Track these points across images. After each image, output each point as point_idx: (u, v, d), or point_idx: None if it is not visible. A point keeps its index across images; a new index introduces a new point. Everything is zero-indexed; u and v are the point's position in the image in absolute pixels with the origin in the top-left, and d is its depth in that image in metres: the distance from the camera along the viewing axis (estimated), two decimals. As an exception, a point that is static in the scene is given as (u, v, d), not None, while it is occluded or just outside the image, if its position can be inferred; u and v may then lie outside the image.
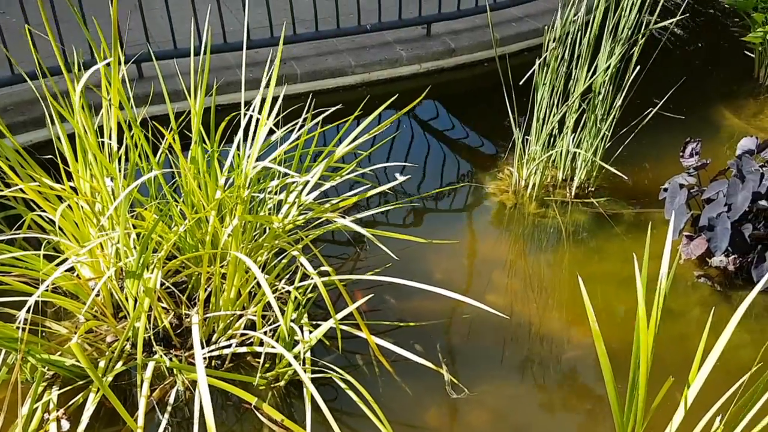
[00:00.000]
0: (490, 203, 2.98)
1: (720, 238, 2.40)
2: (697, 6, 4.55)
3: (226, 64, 3.54)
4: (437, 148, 3.39)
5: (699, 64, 3.92)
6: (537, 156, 2.88)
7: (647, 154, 3.13)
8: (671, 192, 2.54)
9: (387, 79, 3.77)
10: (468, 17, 3.91)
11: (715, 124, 3.40)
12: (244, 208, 2.01)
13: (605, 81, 2.72)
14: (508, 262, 2.76)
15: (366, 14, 3.77)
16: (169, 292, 2.25)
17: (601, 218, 2.85)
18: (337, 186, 2.67)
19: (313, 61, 3.65)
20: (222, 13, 3.47)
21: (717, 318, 1.98)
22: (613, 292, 2.48)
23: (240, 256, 1.85)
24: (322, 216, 2.28)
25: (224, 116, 2.33)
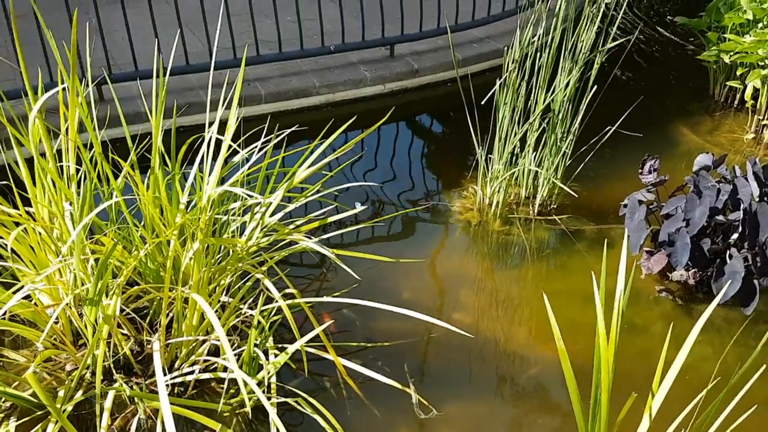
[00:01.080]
0: (456, 221, 3.00)
1: (680, 252, 2.45)
2: (653, 26, 4.68)
3: (189, 85, 3.51)
4: (403, 167, 3.41)
5: (657, 83, 4.02)
6: (500, 174, 2.91)
7: (607, 171, 3.19)
8: (631, 208, 2.59)
9: (351, 100, 3.78)
10: (430, 38, 3.95)
11: (672, 141, 3.49)
12: (207, 231, 1.98)
13: (564, 100, 2.77)
14: (475, 280, 2.77)
15: (329, 36, 3.79)
16: (129, 318, 2.21)
17: (563, 235, 2.89)
18: (303, 206, 2.65)
19: (277, 81, 3.64)
20: (184, 34, 3.45)
21: (679, 331, 2.02)
22: (577, 308, 2.51)
23: (195, 297, 1.83)
24: (286, 237, 2.26)
25: (187, 138, 2.31)
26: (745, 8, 3.51)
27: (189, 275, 2.05)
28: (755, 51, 3.29)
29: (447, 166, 3.42)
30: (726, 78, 3.65)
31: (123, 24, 3.34)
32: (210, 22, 3.51)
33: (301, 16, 3.67)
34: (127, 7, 3.32)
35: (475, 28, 4.04)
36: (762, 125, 3.45)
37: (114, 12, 3.40)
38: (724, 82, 3.66)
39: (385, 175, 3.34)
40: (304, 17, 3.71)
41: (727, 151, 3.35)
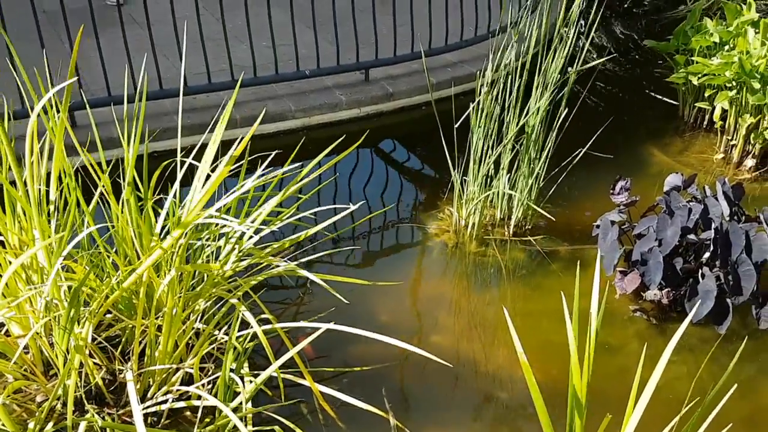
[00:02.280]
0: (433, 243, 3.01)
1: (653, 272, 2.48)
2: (623, 49, 4.79)
3: (163, 110, 3.50)
4: (379, 189, 3.42)
5: (627, 105, 4.10)
6: (475, 196, 2.93)
7: (580, 192, 3.23)
8: (603, 229, 2.62)
9: (327, 123, 3.79)
10: (405, 63, 3.99)
11: (643, 161, 3.55)
12: (181, 258, 1.97)
13: (536, 123, 2.81)
14: (452, 302, 2.77)
15: (304, 60, 3.81)
16: (101, 347, 2.17)
17: (538, 255, 2.91)
18: (279, 230, 2.64)
19: (252, 106, 3.64)
20: (158, 59, 3.45)
21: (654, 351, 2.04)
22: (554, 328, 2.52)
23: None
24: (262, 261, 2.25)
25: (162, 162, 2.30)
26: (712, 31, 3.60)
27: (163, 302, 2.02)
28: (722, 73, 3.37)
29: (423, 188, 3.43)
30: (695, 99, 3.73)
31: (96, 50, 3.32)
32: (184, 47, 3.51)
33: (276, 42, 3.69)
34: (100, 34, 3.31)
35: (449, 52, 4.09)
36: (731, 145, 3.53)
37: (87, 38, 3.38)
38: (693, 103, 3.74)
39: (362, 198, 3.34)
40: (279, 42, 3.73)
41: (698, 171, 3.41)
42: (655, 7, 5.36)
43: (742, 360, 2.46)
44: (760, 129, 3.34)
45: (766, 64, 3.25)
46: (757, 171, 3.43)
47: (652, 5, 5.39)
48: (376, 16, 3.83)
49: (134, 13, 3.67)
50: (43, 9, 4.35)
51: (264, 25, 3.66)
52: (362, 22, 3.88)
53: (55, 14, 3.44)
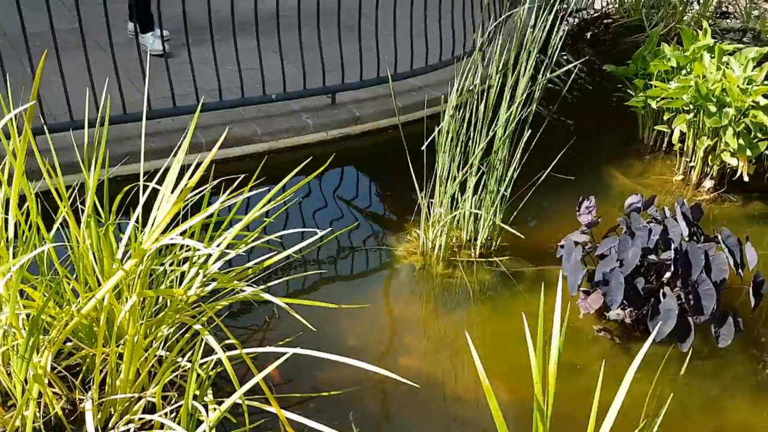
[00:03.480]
0: (400, 265, 3.01)
1: (615, 291, 2.51)
2: (584, 74, 4.90)
3: (126, 134, 3.47)
4: (346, 213, 3.42)
5: (589, 128, 4.18)
6: (441, 218, 2.95)
7: (544, 214, 3.28)
8: (567, 249, 2.65)
9: (294, 147, 3.80)
10: (371, 87, 4.02)
11: (605, 183, 3.62)
12: (143, 283, 1.94)
13: (501, 145, 2.86)
14: (420, 324, 2.78)
15: (271, 84, 3.82)
16: (61, 376, 2.11)
17: (504, 276, 2.93)
18: (244, 254, 2.62)
19: (218, 129, 3.63)
20: (122, 84, 3.42)
21: (618, 370, 2.05)
22: (521, 349, 2.51)
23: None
24: (227, 286, 2.23)
25: (125, 187, 2.27)
26: (669, 56, 3.71)
27: (124, 329, 1.98)
28: (680, 96, 3.46)
29: (390, 210, 3.45)
30: (654, 123, 3.82)
31: (58, 73, 3.29)
32: (148, 71, 3.49)
33: (242, 65, 3.70)
34: (62, 57, 3.28)
35: (414, 77, 4.14)
36: (690, 167, 3.62)
37: (49, 61, 3.34)
38: (652, 126, 3.83)
39: (329, 221, 3.34)
40: (244, 66, 3.73)
41: (658, 193, 3.49)
42: (615, 33, 5.52)
43: (704, 377, 2.51)
44: (717, 151, 3.43)
45: (721, 88, 3.35)
46: (716, 192, 3.52)
47: (612, 31, 5.55)
48: (341, 41, 3.86)
49: (98, 37, 3.64)
50: (3, 32, 4.31)
51: (230, 50, 3.66)
52: (328, 46, 3.92)
53: (16, 37, 3.39)
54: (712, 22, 5.59)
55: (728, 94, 3.32)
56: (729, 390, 2.50)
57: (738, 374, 2.55)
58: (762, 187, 3.56)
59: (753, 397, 2.48)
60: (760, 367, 2.58)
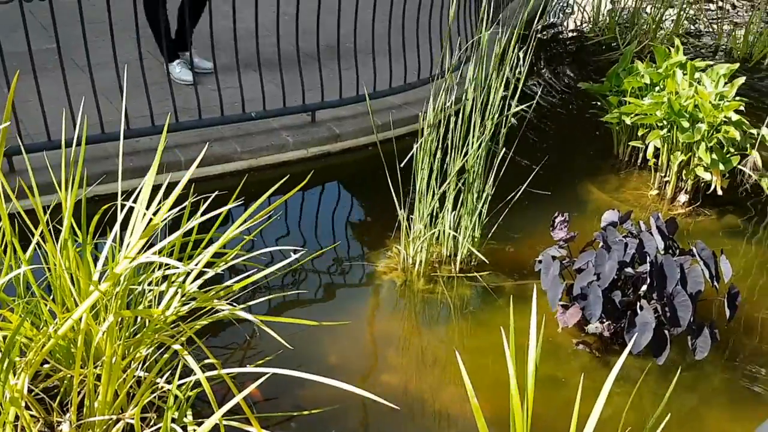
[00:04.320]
0: (381, 282, 3.02)
1: (593, 305, 2.54)
2: (559, 91, 4.97)
3: (105, 154, 3.45)
4: (327, 229, 3.42)
5: (565, 145, 4.25)
6: (421, 234, 2.97)
7: (523, 228, 3.31)
8: (545, 264, 2.68)
9: (274, 164, 3.80)
10: (351, 105, 4.05)
11: (581, 198, 3.66)
12: (121, 303, 1.92)
13: (477, 162, 2.89)
14: (401, 340, 2.78)
15: (250, 103, 3.83)
16: (38, 399, 2.08)
17: (485, 291, 2.95)
18: (224, 272, 2.61)
19: (197, 148, 3.62)
20: (101, 103, 3.41)
21: (598, 383, 2.07)
22: (502, 364, 2.53)
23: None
24: (206, 305, 2.22)
25: (103, 206, 2.26)
26: (643, 73, 3.78)
27: (102, 350, 1.97)
28: (653, 113, 3.53)
29: (371, 227, 3.46)
30: (628, 138, 3.88)
31: (36, 94, 3.27)
32: (127, 90, 3.49)
33: (221, 84, 3.70)
34: (40, 77, 3.26)
35: (393, 95, 4.18)
36: (664, 182, 3.67)
37: (26, 81, 3.33)
38: (627, 142, 3.89)
39: (310, 238, 3.34)
40: (224, 85, 3.74)
41: (633, 207, 3.54)
42: (589, 51, 5.62)
43: (682, 389, 2.54)
44: (691, 166, 3.49)
45: (694, 104, 3.42)
46: (690, 206, 3.58)
47: (587, 49, 5.65)
48: (321, 60, 3.89)
49: (76, 57, 3.63)
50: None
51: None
52: (308, 65, 3.94)
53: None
54: (685, 39, 5.71)
55: (701, 109, 3.39)
56: (708, 402, 2.53)
57: (716, 386, 2.59)
58: (736, 201, 3.63)
59: (731, 408, 2.52)
60: (737, 378, 2.62)
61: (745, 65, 5.30)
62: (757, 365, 2.67)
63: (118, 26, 3.37)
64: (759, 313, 2.94)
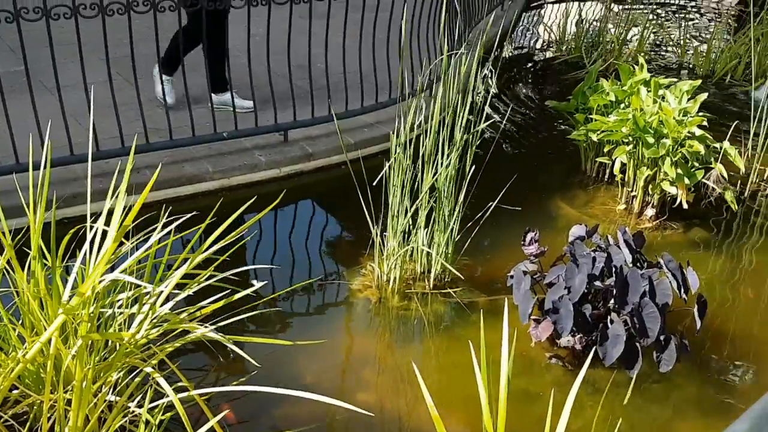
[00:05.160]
0: (356, 299, 3.02)
1: (565, 319, 2.57)
2: (528, 109, 5.06)
3: (73, 176, 3.41)
4: (301, 248, 3.42)
5: (534, 162, 4.31)
6: (395, 251, 2.99)
7: (495, 244, 3.35)
8: (517, 279, 2.71)
9: (247, 184, 3.79)
10: (323, 124, 4.07)
11: (551, 214, 3.72)
12: (91, 326, 1.90)
13: (447, 179, 2.92)
14: (377, 358, 2.78)
15: (222, 122, 3.83)
16: (8, 425, 2.04)
17: (459, 307, 2.97)
18: (197, 293, 2.60)
19: (168, 168, 3.61)
20: (70, 125, 3.39)
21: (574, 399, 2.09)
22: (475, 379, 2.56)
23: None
24: (178, 327, 2.20)
25: (72, 229, 2.24)
26: (608, 91, 3.87)
27: (72, 374, 1.94)
28: (619, 129, 3.61)
29: (345, 245, 3.46)
30: (596, 155, 3.96)
31: (3, 116, 3.23)
32: (96, 112, 3.46)
33: (193, 104, 3.70)
34: (8, 99, 3.23)
35: (365, 114, 4.21)
36: (632, 196, 3.75)
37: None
38: (594, 158, 3.97)
39: (284, 257, 3.34)
40: (194, 105, 3.74)
41: (602, 222, 3.60)
42: (556, 69, 5.73)
43: (655, 401, 2.58)
44: (657, 180, 3.57)
45: (658, 120, 3.51)
46: (657, 220, 3.65)
47: (554, 68, 5.76)
48: (292, 80, 3.91)
49: (44, 79, 3.60)
50: (-54, 74, 4.21)
51: (179, 89, 3.67)
52: (279, 85, 3.96)
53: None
54: (649, 57, 5.86)
55: (665, 125, 3.48)
56: (680, 413, 2.57)
57: (688, 397, 2.63)
58: (701, 214, 3.72)
59: (703, 419, 2.56)
60: (709, 389, 2.66)
61: (708, 81, 5.45)
62: (727, 376, 2.72)
63: (87, 48, 3.36)
64: (727, 323, 3.01)
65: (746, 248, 3.57)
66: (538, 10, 7.59)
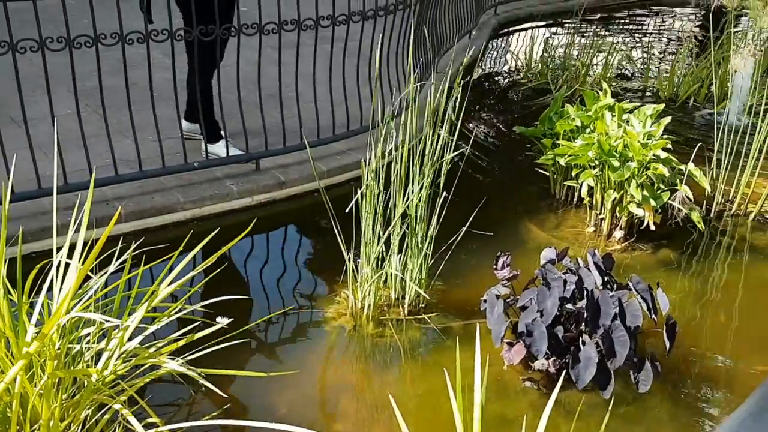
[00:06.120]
0: (330, 328, 3.01)
1: (539, 342, 2.59)
2: (497, 135, 5.13)
3: (42, 209, 3.36)
4: (275, 277, 3.40)
5: (504, 187, 4.36)
6: (369, 278, 2.98)
7: (469, 268, 3.37)
8: (490, 303, 2.73)
9: (219, 213, 3.77)
10: (296, 152, 4.08)
11: (522, 237, 3.75)
12: (58, 363, 1.86)
13: (418, 205, 2.94)
14: (352, 386, 2.76)
15: (192, 152, 3.82)
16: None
17: (434, 332, 2.97)
18: (168, 325, 2.56)
19: (138, 200, 3.58)
20: (39, 158, 3.35)
21: (549, 421, 2.10)
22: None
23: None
24: (147, 362, 2.16)
25: (39, 263, 2.20)
26: (573, 116, 3.95)
27: (39, 413, 1.89)
28: (585, 153, 3.67)
29: (319, 272, 3.45)
30: (564, 178, 4.02)
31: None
32: (65, 144, 3.44)
33: (162, 135, 3.69)
34: (-27, 133, 3.19)
35: (337, 141, 4.23)
36: (600, 219, 3.80)
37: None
38: (563, 182, 4.03)
39: (257, 286, 3.31)
40: (164, 136, 3.72)
41: (572, 244, 3.64)
42: (523, 96, 5.83)
43: (629, 423, 2.59)
44: (624, 203, 3.64)
45: (623, 144, 3.58)
46: (626, 241, 3.71)
47: (521, 94, 5.86)
48: (263, 109, 3.92)
49: (12, 112, 3.56)
50: None
51: (149, 120, 3.65)
52: (251, 114, 3.97)
53: None
54: (614, 82, 6.00)
55: (630, 149, 3.55)
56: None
57: (662, 418, 2.64)
58: (669, 234, 3.78)
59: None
60: (682, 410, 2.68)
61: (672, 105, 5.59)
62: (700, 397, 2.75)
63: (57, 80, 3.34)
64: (698, 342, 3.05)
65: (714, 267, 3.64)
66: (506, 38, 7.74)
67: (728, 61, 5.27)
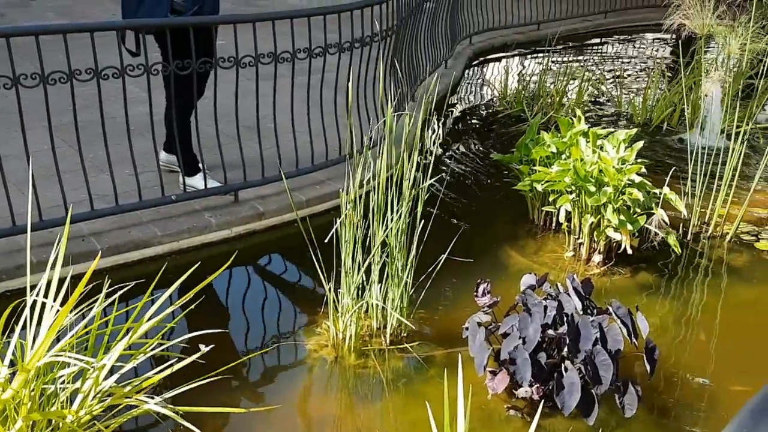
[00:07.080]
0: (312, 360, 2.98)
1: (522, 369, 2.58)
2: (474, 162, 5.17)
3: (17, 247, 3.31)
4: (255, 309, 3.37)
5: (483, 213, 4.38)
6: (349, 308, 2.96)
7: (450, 295, 3.36)
8: (472, 331, 2.72)
9: (198, 246, 3.74)
10: (274, 183, 4.07)
11: (503, 263, 3.76)
12: (32, 405, 1.81)
13: (398, 233, 2.94)
14: (335, 420, 2.72)
15: (169, 185, 3.79)
16: None
17: (416, 362, 2.95)
18: (145, 363, 2.51)
19: (115, 234, 3.54)
20: (13, 195, 3.30)
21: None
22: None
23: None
24: (123, 401, 2.12)
25: (13, 302, 2.16)
26: (549, 143, 3.99)
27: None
28: (561, 179, 3.71)
29: (299, 303, 3.43)
30: (542, 204, 4.05)
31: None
32: (40, 180, 3.40)
33: (139, 169, 3.66)
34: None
35: (316, 171, 4.23)
36: (578, 243, 3.83)
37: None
38: (541, 207, 4.05)
39: (238, 320, 3.27)
40: (141, 169, 3.70)
41: (552, 269, 3.66)
42: (500, 123, 5.90)
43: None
44: (602, 227, 3.67)
45: (598, 169, 3.63)
46: (605, 265, 3.73)
47: (497, 122, 5.93)
48: (241, 140, 3.92)
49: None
50: None
51: (125, 154, 3.63)
52: (228, 146, 3.96)
53: None
54: (588, 108, 6.10)
55: (605, 174, 3.60)
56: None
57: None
58: (647, 258, 3.82)
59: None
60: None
61: (646, 129, 5.68)
62: (683, 421, 2.75)
63: (32, 115, 3.31)
64: (679, 364, 3.06)
65: (693, 289, 3.67)
66: (481, 67, 7.85)
67: (699, 86, 5.38)
